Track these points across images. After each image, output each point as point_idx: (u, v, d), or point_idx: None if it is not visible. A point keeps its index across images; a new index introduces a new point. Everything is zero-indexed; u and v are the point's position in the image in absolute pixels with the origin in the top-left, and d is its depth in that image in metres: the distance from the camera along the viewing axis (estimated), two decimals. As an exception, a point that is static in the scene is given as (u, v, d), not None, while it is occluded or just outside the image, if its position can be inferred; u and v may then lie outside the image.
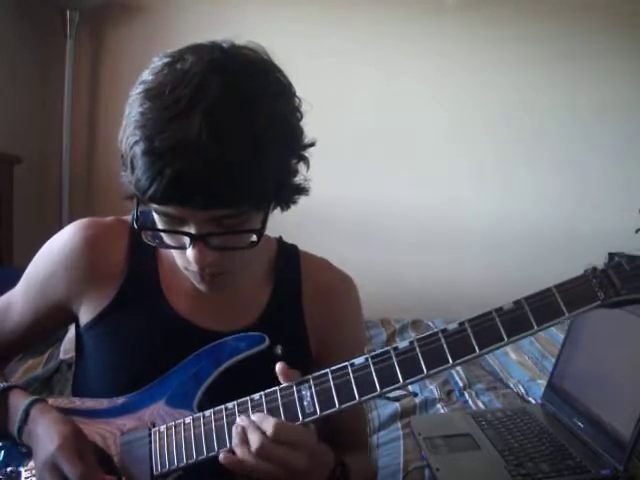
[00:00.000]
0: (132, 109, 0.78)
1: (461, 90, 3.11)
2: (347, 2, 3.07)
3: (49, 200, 3.07)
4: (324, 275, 1.03)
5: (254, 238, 0.82)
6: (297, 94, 0.84)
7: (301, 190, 0.88)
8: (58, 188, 3.02)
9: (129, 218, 1.00)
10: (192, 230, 0.79)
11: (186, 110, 0.74)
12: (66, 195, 3.01)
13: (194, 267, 0.82)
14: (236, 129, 0.75)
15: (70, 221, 0.99)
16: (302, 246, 1.07)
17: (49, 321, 1.00)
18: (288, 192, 0.87)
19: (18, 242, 2.71)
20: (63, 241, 0.96)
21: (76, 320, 0.98)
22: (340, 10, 3.05)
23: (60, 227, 1.00)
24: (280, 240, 1.05)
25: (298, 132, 0.84)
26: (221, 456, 0.77)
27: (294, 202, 0.89)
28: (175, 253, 0.86)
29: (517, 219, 3.13)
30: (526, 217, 3.13)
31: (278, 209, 0.88)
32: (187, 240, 0.80)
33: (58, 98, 2.98)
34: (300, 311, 1.00)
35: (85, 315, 0.96)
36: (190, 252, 0.80)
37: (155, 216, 0.82)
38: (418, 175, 3.15)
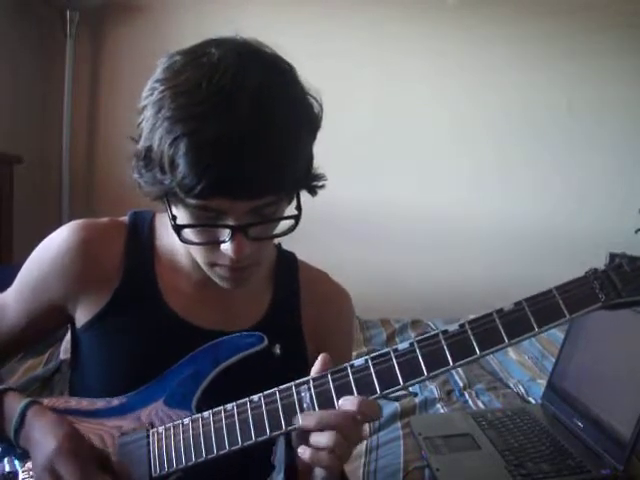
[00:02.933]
0: (161, 108, 0.76)
1: (461, 90, 3.10)
2: (347, 2, 3.07)
3: (49, 200, 3.07)
4: (322, 287, 1.04)
5: (291, 224, 0.82)
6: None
7: (322, 176, 0.88)
8: (58, 188, 3.02)
9: (126, 219, 0.99)
10: (231, 222, 0.78)
11: (229, 101, 0.73)
12: (66, 195, 3.01)
13: (227, 261, 0.81)
14: (279, 116, 0.76)
15: (70, 221, 0.98)
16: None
17: (44, 322, 0.99)
18: (313, 177, 0.87)
19: (18, 242, 2.71)
20: (58, 242, 0.95)
21: (72, 321, 0.98)
22: (340, 10, 3.05)
23: (60, 227, 1.00)
24: (278, 246, 1.05)
25: (317, 117, 0.85)
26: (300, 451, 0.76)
27: (321, 187, 0.88)
28: (201, 250, 0.84)
29: (517, 219, 3.13)
30: (526, 217, 3.12)
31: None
32: (227, 233, 0.79)
33: (58, 98, 2.98)
34: (298, 317, 1.00)
35: (81, 316, 0.95)
36: (229, 245, 0.79)
37: (186, 213, 0.80)
38: (418, 175, 3.15)
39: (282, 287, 1.01)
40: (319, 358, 0.80)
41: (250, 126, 0.73)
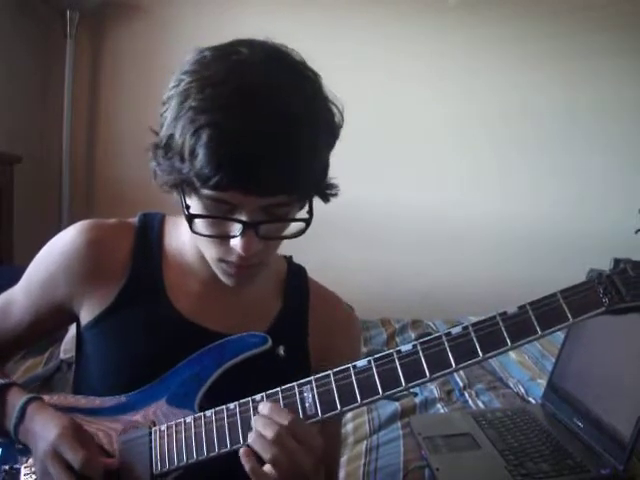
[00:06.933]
0: (187, 98, 0.77)
1: (461, 90, 3.10)
2: (347, 3, 3.07)
3: (49, 200, 3.07)
4: (333, 308, 1.04)
5: (301, 228, 0.83)
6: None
7: (335, 185, 0.89)
8: (58, 188, 3.02)
9: (135, 220, 1.00)
10: (243, 218, 0.79)
11: (254, 98, 0.75)
12: (66, 195, 3.00)
13: (235, 257, 0.82)
14: (300, 119, 0.77)
15: (70, 221, 0.99)
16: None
17: (49, 321, 1.00)
18: (328, 186, 0.88)
19: (18, 242, 2.71)
20: (66, 242, 0.96)
21: (77, 320, 0.98)
22: (340, 11, 3.05)
23: (60, 227, 1.00)
24: (289, 259, 1.06)
25: (337, 126, 0.86)
26: (241, 451, 0.77)
27: (334, 195, 0.89)
28: (210, 244, 0.84)
29: (516, 219, 3.13)
30: (525, 217, 3.12)
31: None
32: (238, 228, 0.79)
33: (58, 98, 2.98)
34: (305, 330, 1.00)
35: (86, 314, 0.96)
36: (238, 240, 0.80)
37: (199, 204, 0.80)
38: (418, 175, 3.15)
39: (292, 298, 1.01)
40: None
41: (272, 125, 0.74)
